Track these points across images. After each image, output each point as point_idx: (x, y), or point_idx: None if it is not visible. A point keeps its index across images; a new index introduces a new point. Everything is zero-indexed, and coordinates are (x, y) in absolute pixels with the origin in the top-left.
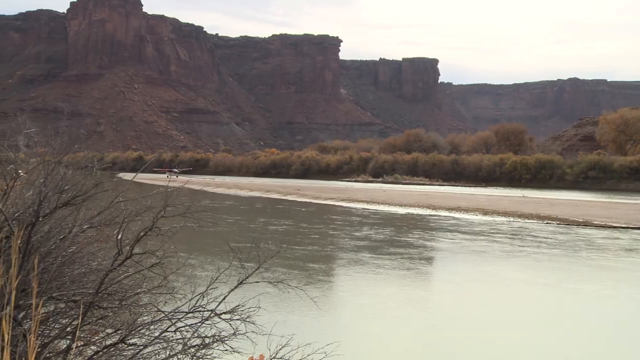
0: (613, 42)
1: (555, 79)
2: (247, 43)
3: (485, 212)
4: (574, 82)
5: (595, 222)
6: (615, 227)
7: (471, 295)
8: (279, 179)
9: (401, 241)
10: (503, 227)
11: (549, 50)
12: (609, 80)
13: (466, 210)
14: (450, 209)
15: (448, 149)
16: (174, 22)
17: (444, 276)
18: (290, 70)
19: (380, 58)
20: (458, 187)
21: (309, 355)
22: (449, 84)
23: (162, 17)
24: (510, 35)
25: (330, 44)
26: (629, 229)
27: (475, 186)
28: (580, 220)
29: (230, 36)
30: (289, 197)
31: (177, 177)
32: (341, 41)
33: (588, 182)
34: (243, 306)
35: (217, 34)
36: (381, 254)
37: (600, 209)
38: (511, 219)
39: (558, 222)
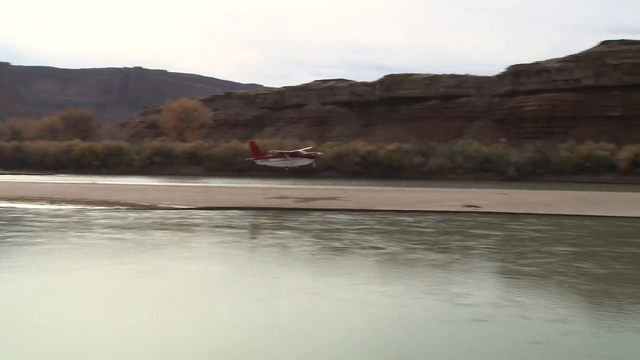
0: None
1: (121, 67)
2: None
3: (52, 201)
4: (139, 71)
5: (160, 205)
6: (180, 208)
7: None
8: None
9: None
10: (59, 217)
11: (115, 37)
12: (169, 71)
13: (31, 199)
14: (13, 199)
15: (9, 135)
16: None
17: None
18: None
19: None
20: (22, 176)
21: None
22: (7, 64)
23: None
24: (73, 16)
25: None
26: (190, 210)
27: (41, 174)
28: (147, 204)
29: None
30: None
31: (313, 164)
32: None
33: (154, 167)
34: None
35: None
36: None
37: (164, 193)
38: (80, 206)
39: (127, 207)
